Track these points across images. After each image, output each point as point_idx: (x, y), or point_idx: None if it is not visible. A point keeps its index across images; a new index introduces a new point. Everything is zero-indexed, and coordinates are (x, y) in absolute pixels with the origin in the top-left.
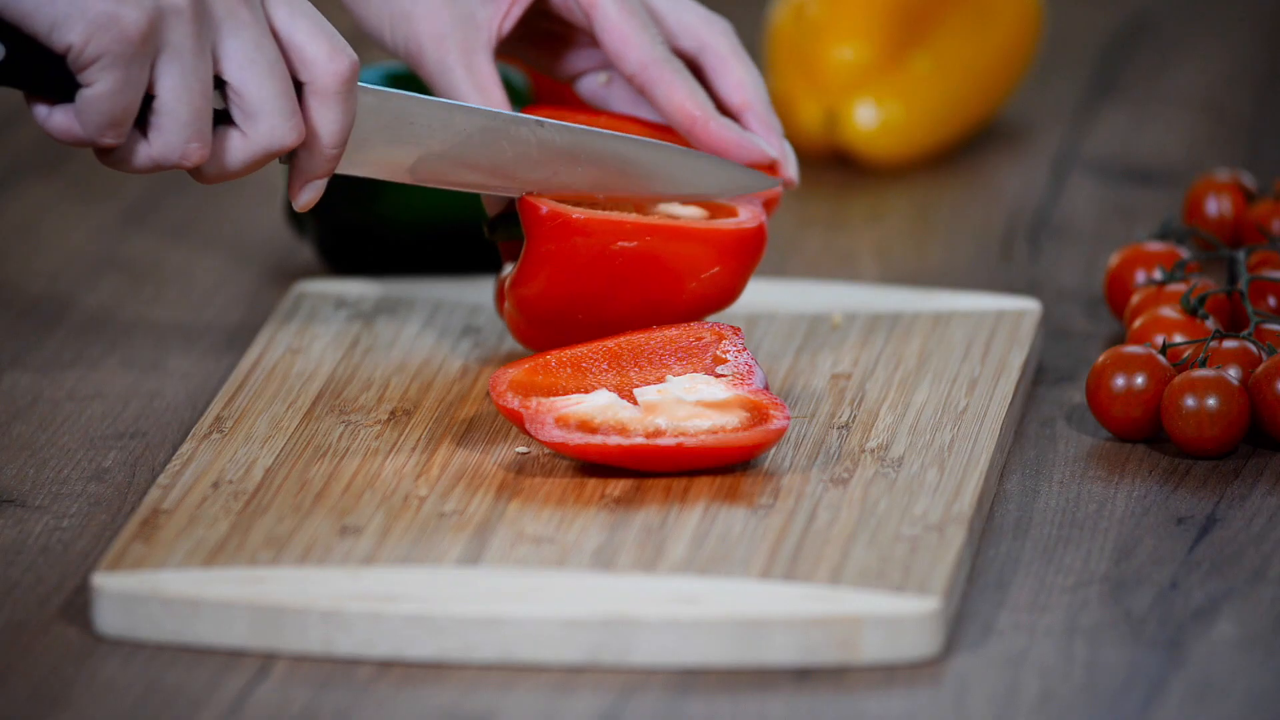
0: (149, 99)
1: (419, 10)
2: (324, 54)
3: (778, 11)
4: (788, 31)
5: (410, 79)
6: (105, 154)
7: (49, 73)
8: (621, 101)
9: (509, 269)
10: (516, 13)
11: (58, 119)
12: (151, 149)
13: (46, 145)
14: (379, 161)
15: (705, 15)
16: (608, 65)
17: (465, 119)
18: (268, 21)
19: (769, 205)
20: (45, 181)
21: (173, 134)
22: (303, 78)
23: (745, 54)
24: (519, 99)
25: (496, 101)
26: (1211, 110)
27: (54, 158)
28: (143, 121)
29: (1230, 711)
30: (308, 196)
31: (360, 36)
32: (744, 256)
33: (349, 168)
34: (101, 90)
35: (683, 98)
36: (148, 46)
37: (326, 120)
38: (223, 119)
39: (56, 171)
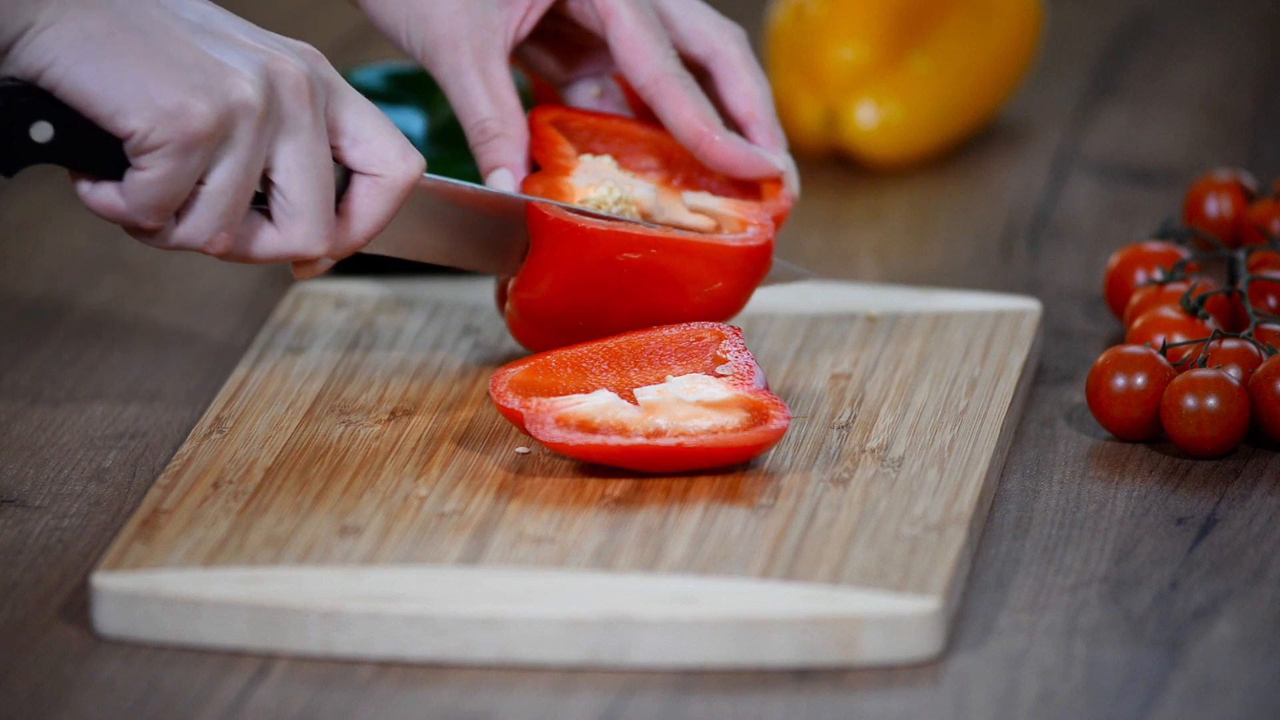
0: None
1: (437, 13)
2: (397, 152)
3: (778, 11)
4: (788, 31)
5: (411, 79)
6: (137, 231)
7: (97, 152)
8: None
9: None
10: (534, 17)
11: (101, 195)
12: (180, 231)
13: None
14: (402, 244)
15: (718, 21)
16: (600, 73)
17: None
18: (333, 120)
19: (778, 220)
20: (45, 181)
21: (205, 221)
22: (373, 171)
23: (756, 63)
24: (522, 99)
25: (509, 106)
26: (1211, 110)
27: None
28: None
29: (1230, 711)
30: (313, 273)
31: (371, 38)
32: (749, 273)
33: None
34: (154, 176)
35: (691, 114)
36: (212, 141)
37: (372, 211)
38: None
39: (56, 172)
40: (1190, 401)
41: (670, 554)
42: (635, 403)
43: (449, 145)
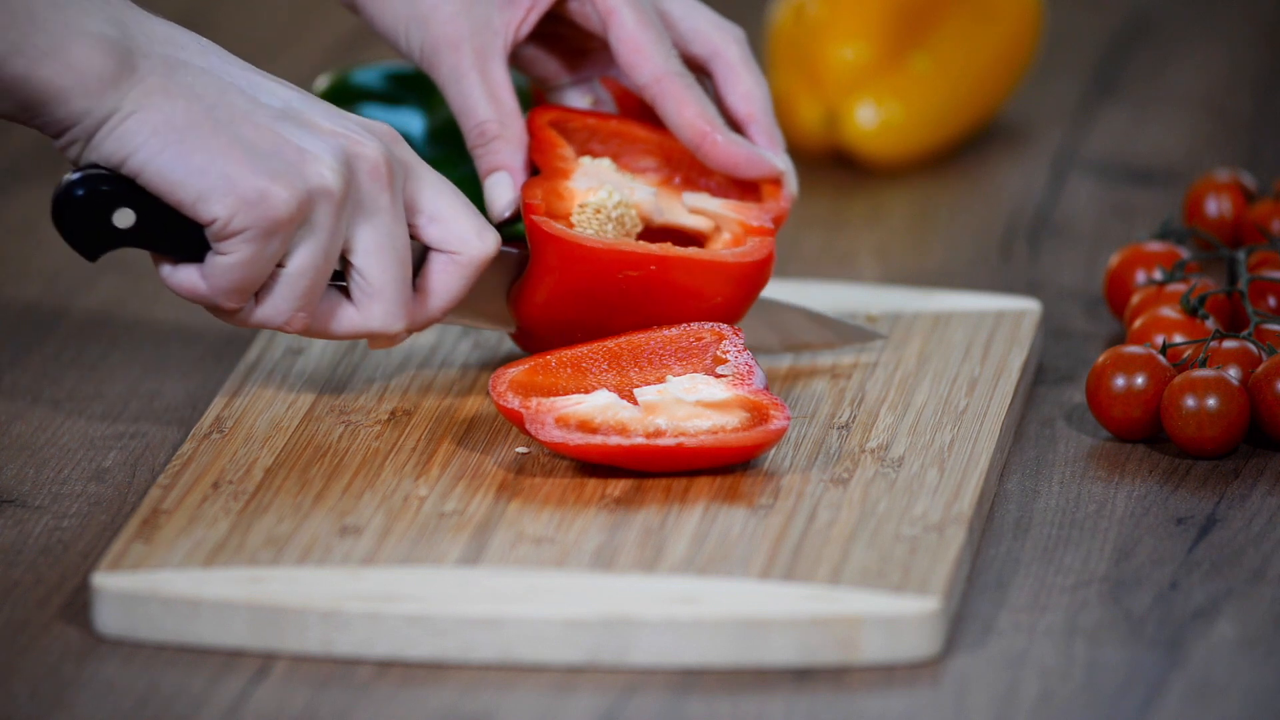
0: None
1: (437, 15)
2: (474, 230)
3: (778, 11)
4: (788, 31)
5: (411, 79)
6: (217, 310)
7: (178, 236)
8: None
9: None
10: (533, 18)
11: (182, 278)
12: (260, 311)
13: (46, 147)
14: (478, 313)
15: (718, 22)
16: (594, 78)
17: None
18: (410, 199)
19: (777, 220)
20: (45, 182)
21: (284, 302)
22: (451, 248)
23: (755, 64)
24: (520, 100)
25: (508, 108)
26: (1211, 110)
27: (54, 159)
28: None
29: (1230, 711)
30: (390, 345)
31: (370, 39)
32: (748, 285)
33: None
34: (236, 260)
35: (693, 114)
36: (292, 225)
37: (449, 287)
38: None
39: (56, 172)
40: (1190, 401)
41: (670, 554)
42: (635, 403)
43: (449, 145)
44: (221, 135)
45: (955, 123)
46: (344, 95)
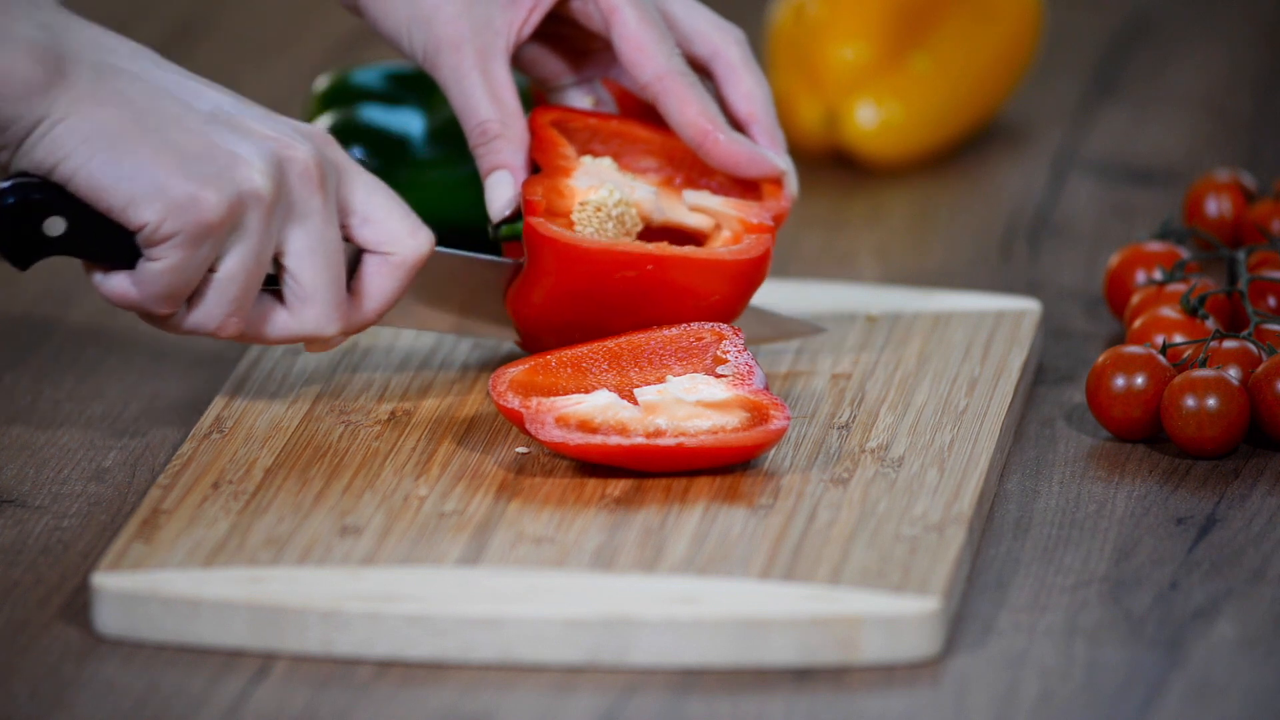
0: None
1: (440, 15)
2: (407, 230)
3: (778, 11)
4: (788, 31)
5: (411, 79)
6: (149, 317)
7: (109, 242)
8: None
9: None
10: (536, 18)
11: (114, 284)
12: (192, 317)
13: None
14: (415, 317)
15: (719, 22)
16: (595, 78)
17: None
18: (343, 200)
19: (778, 219)
20: None
21: (217, 307)
22: (384, 249)
23: (756, 64)
24: (522, 101)
25: (510, 108)
26: (1211, 110)
27: None
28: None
29: (1230, 711)
30: (325, 349)
31: (370, 39)
32: (746, 283)
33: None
34: (166, 266)
35: (695, 112)
36: (223, 229)
37: (384, 291)
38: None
39: None
40: (1190, 401)
41: (670, 554)
42: (635, 403)
43: (449, 145)
44: (151, 141)
45: (955, 123)
46: (344, 95)
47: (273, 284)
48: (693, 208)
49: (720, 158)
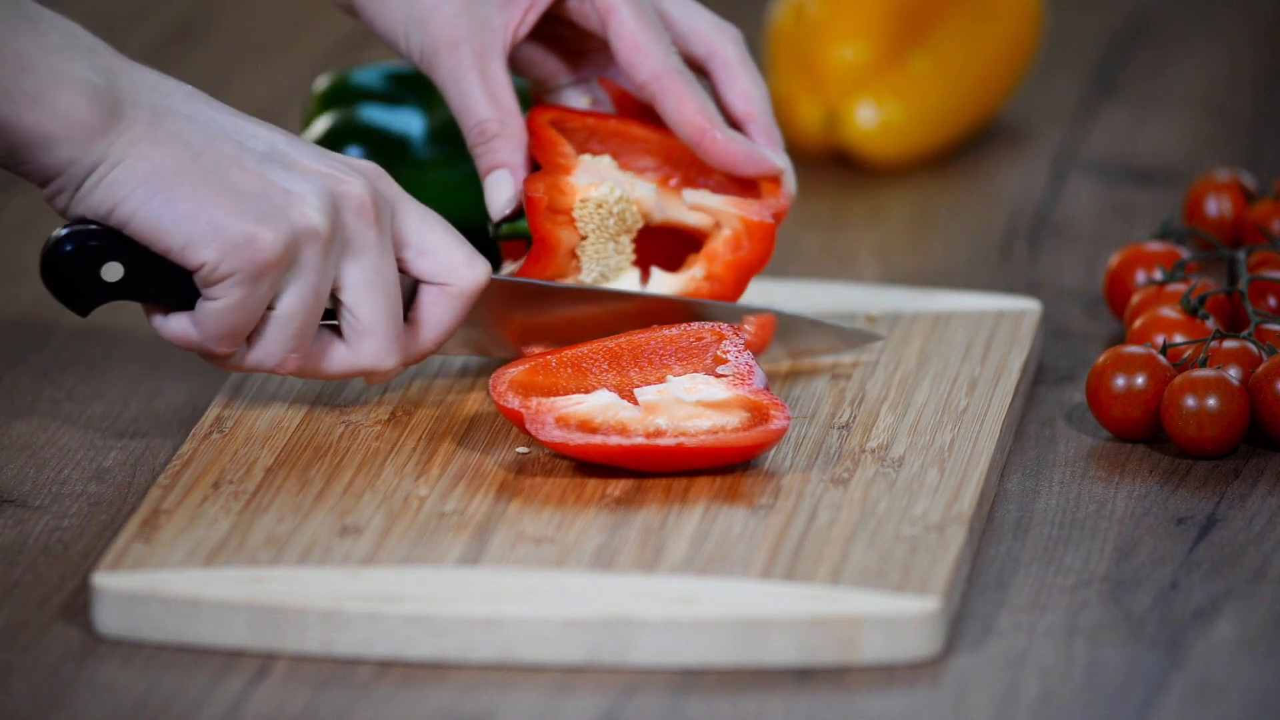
0: None
1: (436, 16)
2: (463, 260)
3: (778, 11)
4: (788, 31)
5: (411, 79)
6: (210, 356)
7: (167, 284)
8: None
9: (511, 268)
10: (532, 18)
11: (174, 326)
12: (253, 355)
13: None
14: (473, 344)
15: (715, 22)
16: (591, 79)
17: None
18: (398, 232)
19: (777, 217)
20: None
21: (276, 345)
22: (440, 280)
23: (753, 63)
24: (520, 101)
25: (508, 107)
26: (1211, 110)
27: None
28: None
29: (1230, 711)
30: (385, 380)
31: (370, 39)
32: (744, 273)
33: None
34: (225, 305)
35: (693, 111)
36: (280, 267)
37: (441, 319)
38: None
39: None
40: (1190, 401)
41: (670, 554)
42: (636, 403)
43: (449, 145)
44: (209, 181)
45: (955, 123)
46: (344, 95)
47: (331, 319)
48: (692, 207)
49: (718, 156)
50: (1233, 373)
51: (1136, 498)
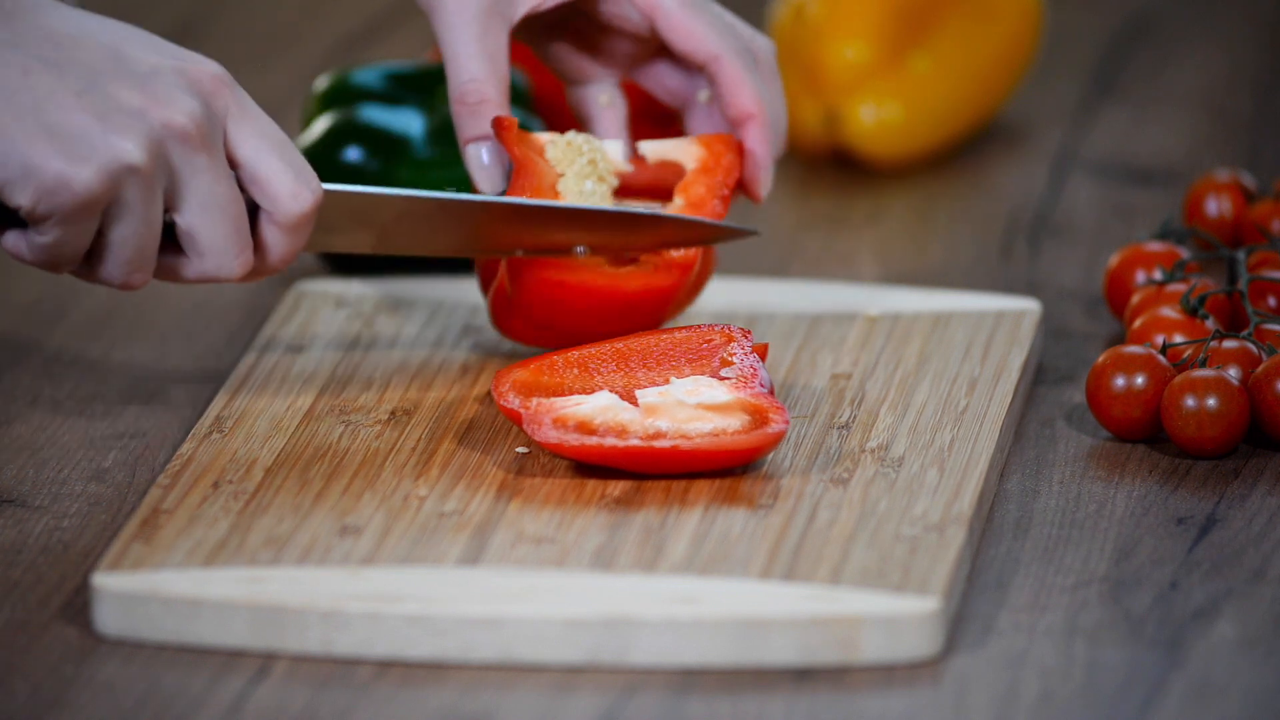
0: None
1: None
2: (287, 190)
3: (778, 11)
4: (788, 31)
5: (411, 79)
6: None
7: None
8: (611, 127)
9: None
10: (553, 1)
11: (10, 242)
12: (95, 274)
13: None
14: (342, 243)
15: (751, 34)
16: (609, 79)
17: (422, 206)
18: (231, 152)
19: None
20: None
21: (114, 269)
22: (265, 207)
23: (779, 79)
24: (520, 100)
25: (501, 74)
26: (1211, 110)
27: None
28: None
29: (1230, 711)
30: (259, 278)
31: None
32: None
33: (311, 248)
34: (50, 240)
35: (748, 96)
36: (100, 205)
37: (279, 244)
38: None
39: None
40: (1190, 401)
41: (670, 554)
42: (637, 405)
43: (449, 145)
44: (24, 122)
45: (955, 123)
46: (344, 95)
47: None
48: (654, 158)
49: (753, 143)
50: (1233, 373)
51: (1136, 498)
